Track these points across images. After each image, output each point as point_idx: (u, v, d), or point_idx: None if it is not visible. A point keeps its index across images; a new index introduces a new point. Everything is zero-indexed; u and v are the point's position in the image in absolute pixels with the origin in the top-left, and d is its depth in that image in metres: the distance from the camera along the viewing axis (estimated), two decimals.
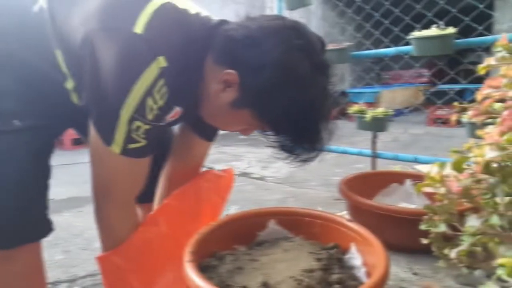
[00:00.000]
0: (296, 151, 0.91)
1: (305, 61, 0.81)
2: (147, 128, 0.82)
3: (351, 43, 2.70)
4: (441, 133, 3.14)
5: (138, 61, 0.77)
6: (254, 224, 1.18)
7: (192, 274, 0.85)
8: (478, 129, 0.79)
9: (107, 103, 0.79)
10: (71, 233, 2.00)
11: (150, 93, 0.78)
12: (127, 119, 0.79)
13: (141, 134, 0.82)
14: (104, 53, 0.77)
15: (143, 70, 0.76)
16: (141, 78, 0.76)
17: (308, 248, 1.04)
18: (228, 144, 4.86)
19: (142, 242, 0.97)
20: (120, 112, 0.78)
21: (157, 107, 0.81)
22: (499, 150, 0.57)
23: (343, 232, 1.10)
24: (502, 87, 0.61)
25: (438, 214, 0.80)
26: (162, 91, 0.80)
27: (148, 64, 0.77)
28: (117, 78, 0.77)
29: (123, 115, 0.78)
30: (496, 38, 1.90)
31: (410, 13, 2.53)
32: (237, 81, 0.83)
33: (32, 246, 0.90)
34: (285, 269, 0.94)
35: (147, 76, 0.77)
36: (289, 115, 0.83)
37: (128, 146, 0.82)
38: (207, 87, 0.89)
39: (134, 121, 0.79)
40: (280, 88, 0.80)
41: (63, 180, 1.10)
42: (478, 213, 0.68)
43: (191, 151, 1.21)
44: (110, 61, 0.76)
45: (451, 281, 1.21)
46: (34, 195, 0.89)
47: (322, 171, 3.25)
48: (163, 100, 0.81)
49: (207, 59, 0.88)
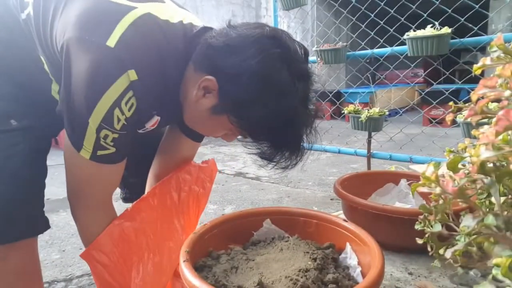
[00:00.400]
0: (276, 158, 0.92)
1: (283, 70, 0.82)
2: (115, 136, 0.84)
3: (346, 43, 2.71)
4: (436, 133, 3.15)
5: (107, 74, 0.79)
6: (250, 223, 1.18)
7: (188, 273, 0.85)
8: (473, 129, 0.79)
9: (77, 112, 0.81)
10: (68, 233, 1.99)
11: (117, 105, 0.80)
12: (95, 128, 0.81)
13: (109, 142, 0.84)
14: (77, 63, 0.79)
15: (111, 83, 0.78)
16: (108, 91, 0.78)
17: (303, 248, 1.04)
18: (224, 144, 4.86)
19: (117, 235, 0.97)
20: (88, 120, 0.80)
21: (124, 118, 0.83)
22: (494, 150, 0.57)
23: (339, 232, 1.10)
24: (497, 87, 0.61)
25: (433, 214, 0.80)
26: (130, 102, 0.82)
27: (116, 77, 0.78)
28: (86, 88, 0.79)
29: (90, 124, 0.80)
30: (491, 38, 1.91)
31: (405, 13, 2.54)
32: (216, 88, 0.85)
33: (28, 242, 0.90)
34: (280, 269, 0.94)
35: (115, 89, 0.79)
36: (266, 123, 0.84)
37: (97, 152, 0.84)
38: (188, 94, 0.91)
39: (101, 130, 0.81)
40: (257, 96, 0.82)
41: (60, 179, 1.09)
42: (474, 213, 0.68)
43: (179, 150, 1.22)
44: (81, 71, 0.78)
45: (446, 280, 1.21)
46: (30, 192, 0.90)
47: (318, 171, 3.25)
48: (131, 112, 0.84)
49: (188, 67, 0.90)
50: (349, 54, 2.68)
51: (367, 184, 1.88)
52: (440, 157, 2.40)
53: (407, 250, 1.41)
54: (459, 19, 2.20)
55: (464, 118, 1.90)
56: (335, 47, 2.64)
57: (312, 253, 1.00)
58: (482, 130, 0.73)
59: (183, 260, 0.91)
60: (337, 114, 7.08)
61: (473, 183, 0.70)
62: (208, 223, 1.10)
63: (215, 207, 2.36)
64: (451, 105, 0.98)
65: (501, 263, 0.53)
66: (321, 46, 2.71)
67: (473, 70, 0.76)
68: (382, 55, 2.50)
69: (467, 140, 0.91)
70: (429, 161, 1.70)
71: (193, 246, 0.99)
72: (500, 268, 0.53)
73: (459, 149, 0.90)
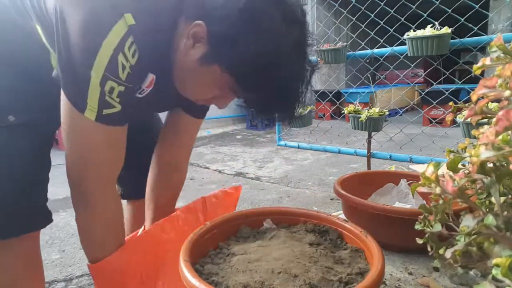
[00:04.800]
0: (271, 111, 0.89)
1: (275, 11, 0.79)
2: (121, 90, 0.79)
3: (346, 43, 2.71)
4: (436, 133, 3.15)
5: (105, 19, 0.75)
6: (250, 223, 1.18)
7: (187, 273, 0.85)
8: (473, 129, 0.79)
9: (77, 66, 0.76)
10: (68, 233, 2.00)
11: (120, 50, 0.76)
12: (99, 80, 0.76)
13: (115, 98, 0.79)
14: (71, 16, 0.76)
15: (110, 27, 0.74)
16: (109, 36, 0.74)
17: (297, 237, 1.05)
18: (224, 144, 4.86)
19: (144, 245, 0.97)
20: (90, 73, 0.75)
21: (129, 66, 0.78)
22: (494, 150, 0.57)
23: (338, 232, 1.10)
24: (497, 87, 0.61)
25: (433, 214, 0.80)
26: (132, 48, 0.78)
27: (115, 21, 0.75)
28: (84, 38, 0.75)
29: (94, 76, 0.76)
30: (491, 38, 1.91)
31: (405, 13, 2.54)
32: (205, 34, 0.81)
33: (30, 237, 0.90)
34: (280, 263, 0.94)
35: (115, 33, 0.75)
36: (257, 69, 0.80)
37: (103, 111, 0.79)
38: (179, 46, 0.87)
39: (106, 81, 0.77)
40: (246, 37, 0.78)
41: (60, 179, 1.08)
42: (474, 213, 0.68)
43: (180, 129, 1.20)
44: (77, 22, 0.75)
45: (446, 280, 1.21)
46: (33, 186, 0.89)
47: (318, 171, 3.25)
48: (135, 59, 0.79)
49: (180, 20, 0.86)
50: (349, 54, 2.68)
51: (367, 184, 1.88)
52: (440, 157, 2.40)
53: (407, 250, 1.41)
54: (459, 19, 2.20)
55: (464, 118, 1.90)
56: (335, 47, 2.64)
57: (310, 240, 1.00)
58: (482, 130, 0.73)
59: (183, 259, 0.91)
60: (337, 114, 7.09)
61: (473, 183, 0.70)
62: (208, 223, 1.10)
63: None
64: (451, 105, 0.98)
65: (501, 263, 0.53)
66: (321, 46, 2.71)
67: (473, 70, 0.76)
68: (382, 55, 2.50)
69: (467, 140, 0.91)
70: (429, 161, 1.70)
71: (193, 246, 0.98)
72: (500, 268, 0.53)
73: (459, 149, 0.90)
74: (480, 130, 0.74)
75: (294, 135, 5.51)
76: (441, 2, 2.17)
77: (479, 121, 0.69)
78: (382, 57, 2.51)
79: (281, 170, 3.31)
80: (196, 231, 1.06)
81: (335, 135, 3.27)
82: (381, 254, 0.90)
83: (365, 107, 2.58)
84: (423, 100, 5.52)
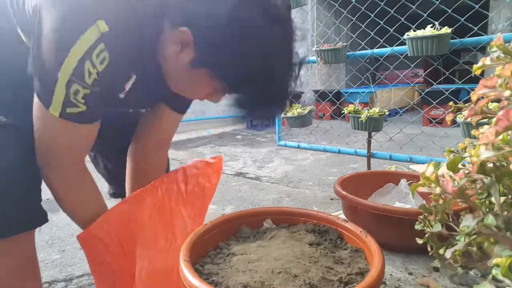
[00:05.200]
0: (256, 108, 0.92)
1: (258, 14, 0.80)
2: (86, 92, 0.81)
3: (346, 43, 2.71)
4: (436, 133, 3.15)
5: (76, 24, 0.76)
6: (250, 223, 1.18)
7: (187, 273, 0.85)
8: (473, 129, 0.79)
9: (46, 66, 0.79)
10: (68, 233, 1.99)
11: (88, 57, 0.78)
12: (65, 82, 0.78)
13: (80, 99, 0.81)
14: (45, 19, 0.78)
15: (80, 34, 0.76)
16: (77, 43, 0.76)
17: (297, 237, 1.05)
18: (224, 144, 4.86)
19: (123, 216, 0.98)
20: (57, 74, 0.78)
21: (96, 72, 0.80)
22: (494, 150, 0.57)
23: (338, 232, 1.10)
24: (497, 87, 0.61)
25: (433, 214, 0.80)
26: (102, 56, 0.79)
27: (85, 28, 0.76)
28: (55, 41, 0.77)
29: (60, 78, 0.78)
30: (491, 38, 1.91)
31: (405, 13, 2.54)
32: (191, 39, 0.82)
33: (25, 236, 0.90)
34: (280, 263, 0.94)
35: (84, 40, 0.76)
36: (245, 72, 0.82)
37: (67, 110, 0.82)
38: (167, 52, 0.88)
39: (72, 84, 0.79)
40: (231, 42, 0.79)
41: None
42: (474, 213, 0.68)
43: (160, 123, 1.21)
44: (50, 25, 0.77)
45: (446, 280, 1.21)
46: (24, 186, 0.89)
47: (318, 171, 3.25)
48: (103, 65, 0.80)
49: (165, 23, 0.87)
50: (349, 54, 2.68)
51: (367, 184, 1.88)
52: (440, 157, 2.40)
53: (407, 250, 1.41)
54: (459, 19, 2.20)
55: (464, 118, 1.90)
56: (335, 47, 2.64)
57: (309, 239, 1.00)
58: (482, 130, 0.73)
59: (183, 259, 0.91)
60: (337, 114, 7.09)
61: (473, 183, 0.70)
62: (208, 223, 1.10)
63: (215, 207, 2.35)
64: (451, 105, 0.98)
65: (501, 263, 0.54)
66: (321, 46, 2.71)
67: (473, 70, 0.76)
68: (382, 55, 2.50)
69: (467, 140, 0.91)
70: (429, 161, 1.70)
71: (193, 246, 0.98)
72: (500, 268, 0.53)
73: (459, 149, 0.90)
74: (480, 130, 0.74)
75: (294, 135, 5.51)
76: (441, 2, 2.17)
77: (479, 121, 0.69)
78: (382, 57, 2.51)
79: (281, 170, 3.31)
80: (196, 231, 1.06)
81: (335, 135, 3.27)
82: (381, 254, 0.90)
83: (365, 107, 2.58)
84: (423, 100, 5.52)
